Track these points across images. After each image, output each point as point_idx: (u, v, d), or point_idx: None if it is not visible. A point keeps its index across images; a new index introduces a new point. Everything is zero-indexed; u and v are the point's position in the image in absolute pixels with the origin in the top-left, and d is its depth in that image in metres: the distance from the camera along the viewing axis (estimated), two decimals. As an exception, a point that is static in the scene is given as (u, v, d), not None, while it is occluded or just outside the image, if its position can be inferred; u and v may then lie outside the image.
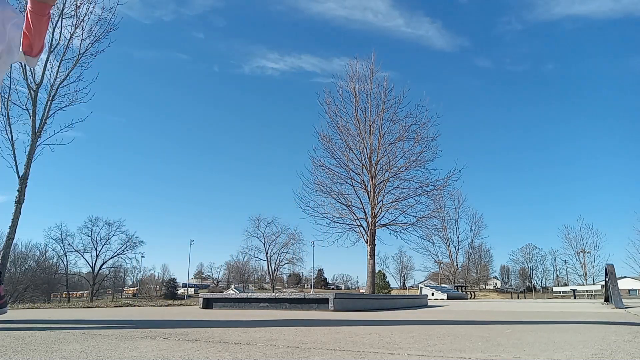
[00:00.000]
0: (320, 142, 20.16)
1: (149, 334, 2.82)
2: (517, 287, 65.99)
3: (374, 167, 19.76)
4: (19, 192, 12.63)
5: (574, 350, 2.13)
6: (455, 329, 3.39)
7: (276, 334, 2.81)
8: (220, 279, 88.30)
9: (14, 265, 47.08)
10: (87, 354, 1.97)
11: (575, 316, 5.62)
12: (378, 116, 20.15)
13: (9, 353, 1.98)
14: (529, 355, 1.96)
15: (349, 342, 2.42)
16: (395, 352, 2.03)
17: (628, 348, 2.23)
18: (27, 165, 12.83)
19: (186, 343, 2.32)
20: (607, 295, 11.94)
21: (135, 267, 67.99)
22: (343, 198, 19.82)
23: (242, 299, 7.33)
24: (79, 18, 13.85)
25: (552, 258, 64.11)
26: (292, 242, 68.81)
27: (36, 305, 10.47)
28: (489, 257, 63.92)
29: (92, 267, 58.08)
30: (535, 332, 3.21)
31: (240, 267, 77.32)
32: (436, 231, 25.49)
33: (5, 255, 12.90)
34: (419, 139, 19.53)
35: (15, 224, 12.61)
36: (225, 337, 2.59)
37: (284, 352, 2.02)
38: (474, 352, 2.05)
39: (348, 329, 3.25)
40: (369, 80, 20.45)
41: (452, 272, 51.66)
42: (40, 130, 13.14)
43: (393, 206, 19.82)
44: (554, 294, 52.97)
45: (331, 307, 6.20)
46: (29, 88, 13.19)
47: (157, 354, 1.95)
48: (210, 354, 1.96)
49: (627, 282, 53.14)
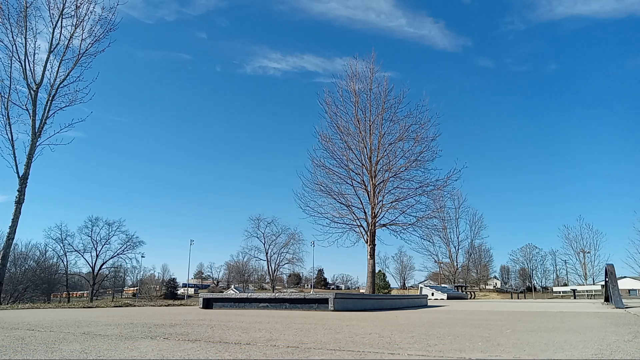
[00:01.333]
0: (320, 142, 20.14)
1: (149, 334, 2.82)
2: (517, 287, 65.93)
3: (374, 167, 19.74)
4: (19, 192, 12.64)
5: (574, 350, 2.13)
6: (455, 329, 3.39)
7: (276, 334, 2.81)
8: (220, 279, 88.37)
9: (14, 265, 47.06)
10: (87, 354, 1.97)
11: (575, 316, 5.62)
12: (378, 116, 20.14)
13: (9, 353, 1.98)
14: (529, 355, 1.96)
15: (349, 342, 2.41)
16: (395, 352, 2.03)
17: (628, 348, 2.23)
18: (27, 165, 12.85)
19: (186, 343, 2.32)
20: (607, 295, 11.94)
21: (135, 267, 68.05)
22: (343, 198, 19.82)
23: (242, 299, 7.32)
24: (79, 18, 13.88)
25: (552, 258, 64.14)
26: (292, 242, 68.81)
27: (36, 305, 10.47)
28: (489, 257, 63.98)
29: (92, 267, 58.06)
30: (535, 332, 3.21)
31: (240, 267, 77.33)
32: (436, 231, 25.49)
33: (5, 255, 12.90)
34: (418, 138, 19.52)
35: (15, 224, 12.62)
36: (225, 337, 2.59)
37: (284, 352, 2.02)
38: (474, 352, 2.05)
39: (348, 329, 3.25)
40: (369, 80, 20.44)
41: (452, 272, 51.65)
42: (40, 130, 13.15)
43: (393, 206, 19.81)
44: (554, 294, 52.95)
45: (331, 307, 6.20)
46: (29, 88, 13.21)
47: (157, 354, 1.95)
48: (210, 354, 1.96)
49: (627, 282, 53.12)
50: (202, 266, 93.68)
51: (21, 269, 51.11)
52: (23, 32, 13.08)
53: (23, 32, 13.08)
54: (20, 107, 13.05)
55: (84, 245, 58.02)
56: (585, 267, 50.42)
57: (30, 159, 12.92)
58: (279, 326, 3.48)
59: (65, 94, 13.67)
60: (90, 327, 3.43)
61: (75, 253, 58.13)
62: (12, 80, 13.05)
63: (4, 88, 12.97)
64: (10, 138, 12.72)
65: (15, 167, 12.69)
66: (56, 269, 58.43)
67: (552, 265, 65.63)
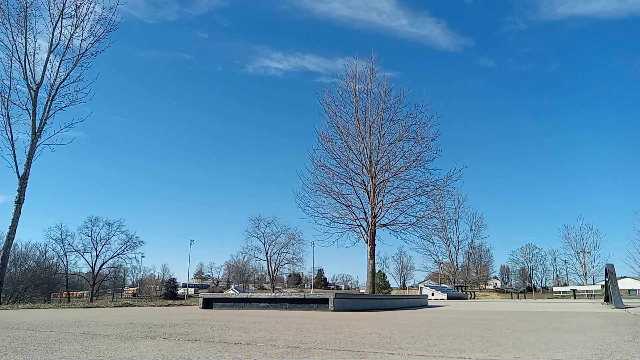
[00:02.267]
0: (320, 142, 20.13)
1: (149, 334, 2.82)
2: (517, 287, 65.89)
3: (374, 167, 19.74)
4: (19, 192, 12.64)
5: (574, 350, 2.13)
6: (455, 329, 3.39)
7: (276, 334, 2.81)
8: (220, 279, 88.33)
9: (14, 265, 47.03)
10: (87, 354, 1.97)
11: (575, 316, 5.62)
12: (378, 116, 20.14)
13: (9, 353, 1.98)
14: (529, 355, 1.96)
15: (349, 342, 2.41)
16: (395, 352, 2.03)
17: (628, 348, 2.23)
18: (27, 165, 12.84)
19: (186, 343, 2.32)
20: (607, 295, 11.94)
21: (135, 267, 68.04)
22: (343, 198, 19.82)
23: (242, 299, 7.32)
24: (79, 18, 13.88)
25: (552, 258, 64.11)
26: (292, 242, 68.77)
27: (36, 305, 10.47)
28: (489, 257, 63.95)
29: (92, 267, 58.04)
30: (535, 332, 3.21)
31: (240, 267, 77.31)
32: (436, 231, 25.50)
33: (5, 255, 12.90)
34: (418, 138, 19.52)
35: (15, 224, 12.62)
36: (225, 337, 2.59)
37: (284, 352, 2.02)
38: (474, 352, 2.05)
39: (348, 329, 3.25)
40: (369, 80, 20.43)
41: (452, 272, 51.63)
42: (40, 130, 13.15)
43: (393, 206, 19.81)
44: (554, 294, 52.92)
45: (331, 307, 6.20)
46: (29, 88, 13.20)
47: (157, 354, 1.95)
48: (210, 354, 1.96)
49: (627, 282, 53.11)
50: (202, 266, 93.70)
51: (21, 269, 51.09)
52: (23, 32, 13.09)
53: (23, 32, 13.09)
54: (20, 107, 13.06)
55: (84, 245, 58.05)
56: (585, 267, 50.42)
57: (30, 159, 12.92)
58: (279, 326, 3.49)
59: (65, 94, 13.68)
60: (90, 327, 3.43)
61: (75, 253, 58.16)
62: (12, 80, 13.06)
63: (4, 88, 12.98)
64: (10, 138, 12.73)
65: (15, 167, 12.70)
66: (56, 269, 58.42)
67: (552, 265, 65.64)
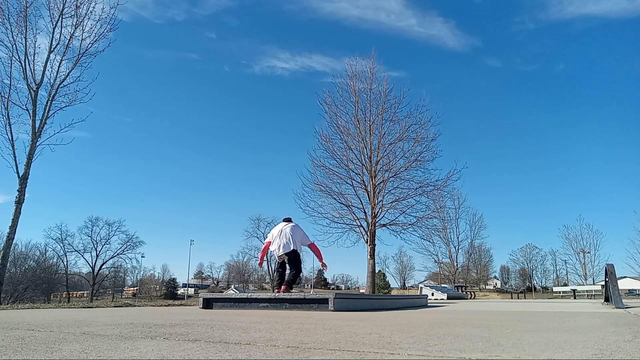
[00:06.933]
0: (320, 142, 20.11)
1: (149, 334, 2.82)
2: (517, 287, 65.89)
3: (374, 167, 19.74)
4: (19, 192, 12.63)
5: (574, 350, 2.13)
6: (455, 329, 3.39)
7: (276, 334, 2.81)
8: (220, 279, 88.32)
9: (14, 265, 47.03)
10: (87, 354, 1.97)
11: (575, 316, 5.62)
12: (378, 116, 20.12)
13: (9, 353, 1.97)
14: (529, 355, 1.96)
15: (349, 342, 2.41)
16: (395, 352, 2.03)
17: (628, 348, 2.23)
18: (27, 165, 12.84)
19: (186, 343, 2.32)
20: (607, 295, 11.94)
21: (135, 267, 68.13)
22: (343, 198, 19.80)
23: (242, 299, 7.32)
24: (79, 18, 13.87)
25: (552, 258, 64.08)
26: (292, 242, 68.68)
27: (36, 305, 10.47)
28: (489, 257, 63.92)
29: (92, 267, 58.07)
30: (535, 332, 3.21)
31: (240, 267, 77.34)
32: (436, 231, 25.44)
33: (5, 255, 12.90)
34: (419, 139, 19.50)
35: (15, 224, 12.61)
36: (225, 337, 2.59)
37: (284, 352, 2.02)
38: (474, 352, 2.05)
39: (348, 329, 3.25)
40: (369, 80, 20.46)
41: (452, 272, 51.58)
42: (40, 130, 13.14)
43: (393, 206, 19.80)
44: (554, 294, 52.88)
45: (331, 307, 6.20)
46: (29, 88, 13.20)
47: (157, 354, 1.95)
48: (210, 354, 1.96)
49: (627, 282, 53.10)
50: (202, 266, 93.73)
51: (21, 269, 51.11)
52: (23, 31, 13.08)
53: (23, 32, 13.08)
54: (20, 107, 13.05)
55: (84, 245, 58.10)
56: (585, 267, 50.41)
57: (30, 159, 12.92)
58: (279, 326, 3.48)
59: (66, 94, 13.67)
60: (90, 327, 3.43)
61: (75, 253, 58.21)
62: (12, 80, 13.04)
63: (4, 88, 12.97)
64: (10, 138, 12.72)
65: (15, 167, 12.69)
66: (56, 269, 58.46)
67: (552, 265, 65.66)
